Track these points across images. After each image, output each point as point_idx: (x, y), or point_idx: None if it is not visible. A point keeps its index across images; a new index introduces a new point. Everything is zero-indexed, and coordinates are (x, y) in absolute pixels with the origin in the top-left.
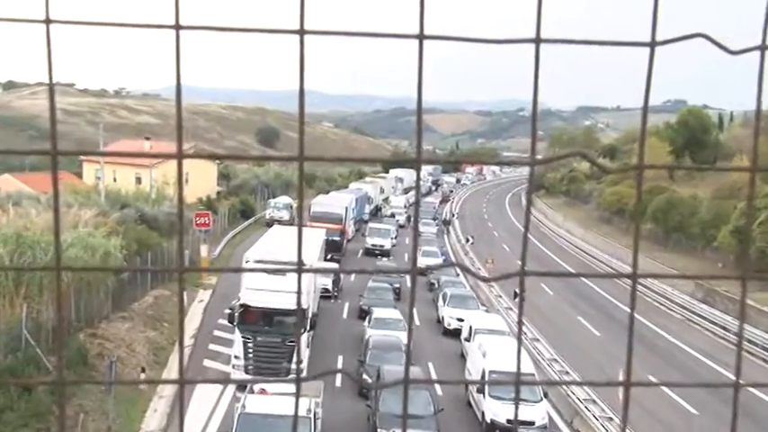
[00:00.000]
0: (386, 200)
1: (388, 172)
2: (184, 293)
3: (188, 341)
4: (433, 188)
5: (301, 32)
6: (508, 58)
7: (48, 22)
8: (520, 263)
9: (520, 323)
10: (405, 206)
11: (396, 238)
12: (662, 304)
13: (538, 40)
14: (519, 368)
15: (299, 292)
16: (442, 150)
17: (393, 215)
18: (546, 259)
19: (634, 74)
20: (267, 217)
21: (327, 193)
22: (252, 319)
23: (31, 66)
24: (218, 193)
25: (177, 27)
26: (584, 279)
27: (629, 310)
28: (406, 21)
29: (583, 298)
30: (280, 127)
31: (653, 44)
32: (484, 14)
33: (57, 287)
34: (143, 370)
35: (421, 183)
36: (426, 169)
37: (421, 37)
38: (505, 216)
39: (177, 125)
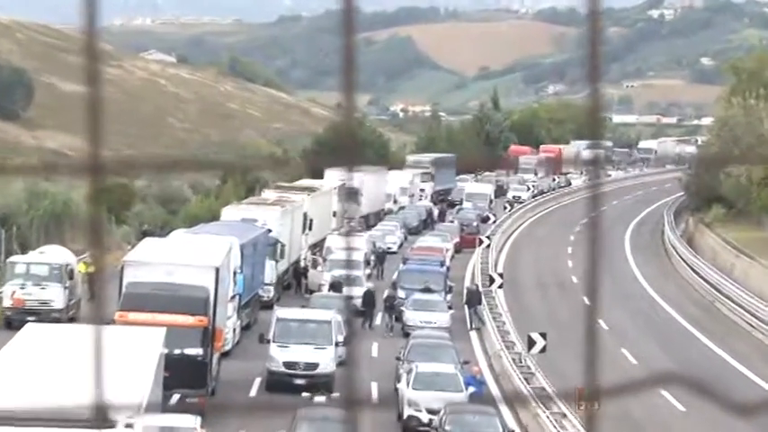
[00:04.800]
0: (317, 247)
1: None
2: None
3: None
4: (434, 211)
5: None
6: None
7: None
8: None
9: None
10: (367, 258)
11: (342, 345)
12: None
13: None
14: None
15: None
16: (457, 117)
17: (336, 285)
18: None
19: None
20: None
21: (163, 234)
22: None
23: None
24: None
25: None
26: None
27: None
28: None
29: None
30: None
31: None
32: None
33: None
34: None
35: (412, 197)
36: (420, 167)
37: None
38: (626, 279)
39: None
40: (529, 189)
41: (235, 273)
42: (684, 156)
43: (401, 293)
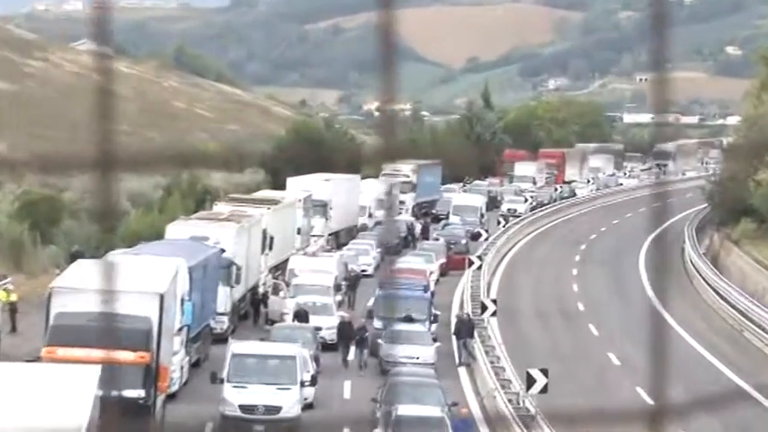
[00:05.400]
0: (278, 269)
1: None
2: None
3: None
4: (416, 227)
5: None
6: None
7: None
8: None
9: None
10: (338, 282)
11: (309, 385)
12: None
13: None
14: None
15: None
16: (443, 116)
17: (301, 314)
18: None
19: None
20: None
21: (97, 255)
22: None
23: None
24: None
25: None
26: None
27: None
28: None
29: None
30: None
31: None
32: None
33: None
34: None
35: (390, 210)
36: (400, 175)
37: None
38: (641, 305)
39: None
40: (526, 201)
41: (182, 300)
42: (708, 160)
43: (378, 324)
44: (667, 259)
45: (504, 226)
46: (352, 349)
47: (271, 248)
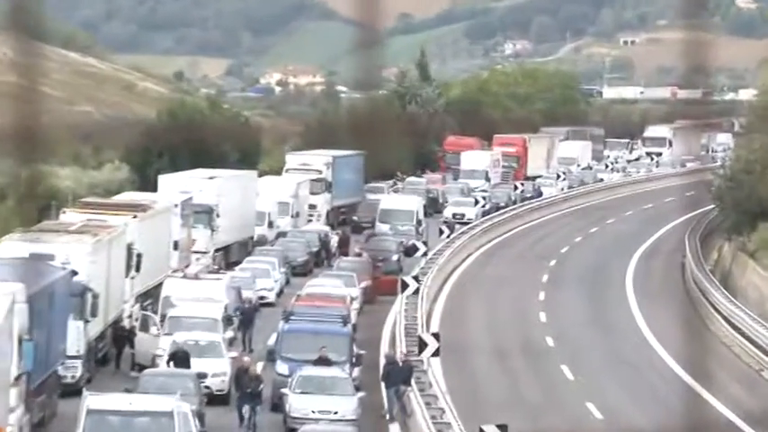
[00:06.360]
0: (149, 297)
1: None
2: None
3: None
4: (332, 238)
5: None
6: None
7: None
8: None
9: None
10: (228, 314)
11: None
12: None
13: None
14: None
15: None
16: (365, 92)
17: (180, 356)
18: None
19: None
20: None
21: None
22: None
23: None
24: None
25: None
26: None
27: None
28: None
29: None
30: None
31: None
32: None
33: None
34: None
35: (297, 217)
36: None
37: None
38: (630, 341)
39: None
40: (477, 203)
41: (20, 340)
42: (715, 146)
43: (282, 368)
44: (663, 278)
45: (448, 236)
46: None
47: (138, 269)
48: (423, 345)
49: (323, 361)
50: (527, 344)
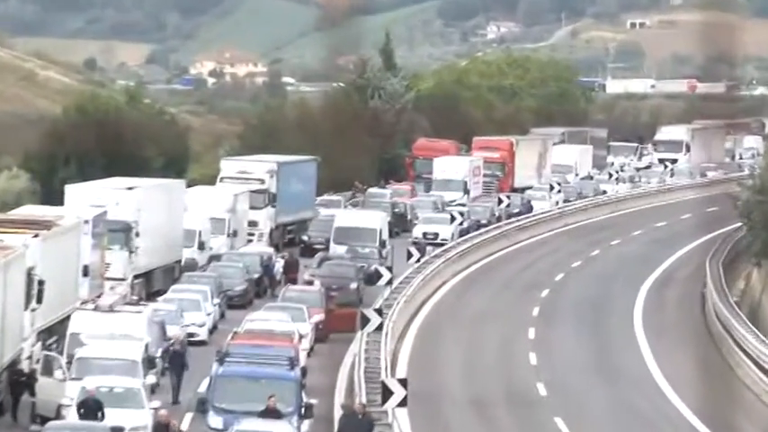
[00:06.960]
0: (52, 333)
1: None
2: None
3: None
4: (277, 263)
5: None
6: None
7: None
8: None
9: None
10: (149, 356)
11: None
12: None
13: None
14: None
15: None
16: (318, 85)
17: (91, 406)
18: None
19: None
20: None
21: None
22: None
23: None
24: None
25: None
26: None
27: None
28: None
29: None
30: None
31: None
32: None
33: None
34: None
35: (235, 236)
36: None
37: None
38: (641, 388)
39: None
40: (454, 220)
41: None
42: (742, 152)
43: (214, 421)
44: (679, 312)
45: (418, 260)
46: None
47: (40, 300)
48: (387, 393)
49: (266, 413)
50: (513, 392)
